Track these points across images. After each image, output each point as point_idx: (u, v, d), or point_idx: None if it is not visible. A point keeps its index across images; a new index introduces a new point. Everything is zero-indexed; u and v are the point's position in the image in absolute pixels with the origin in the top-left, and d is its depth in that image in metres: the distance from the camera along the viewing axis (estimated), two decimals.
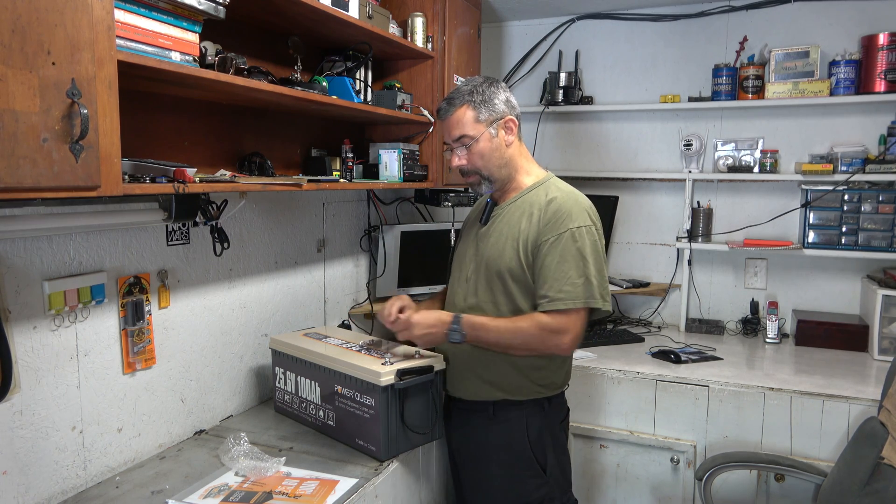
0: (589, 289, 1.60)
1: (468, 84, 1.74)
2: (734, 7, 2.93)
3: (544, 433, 1.75)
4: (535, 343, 1.64)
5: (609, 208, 3.12)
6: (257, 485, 1.51)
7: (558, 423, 1.81)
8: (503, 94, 1.73)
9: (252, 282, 2.07)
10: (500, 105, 1.71)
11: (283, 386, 1.95)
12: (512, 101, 1.75)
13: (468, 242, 1.85)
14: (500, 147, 1.72)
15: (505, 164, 1.74)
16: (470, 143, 1.71)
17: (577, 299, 1.59)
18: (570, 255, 1.60)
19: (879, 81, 2.61)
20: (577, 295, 1.59)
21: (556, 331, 1.61)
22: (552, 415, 1.78)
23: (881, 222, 2.67)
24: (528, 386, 1.73)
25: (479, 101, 1.70)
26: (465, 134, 1.71)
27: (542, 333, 1.61)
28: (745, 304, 3.00)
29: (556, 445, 1.78)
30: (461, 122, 1.70)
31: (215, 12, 1.40)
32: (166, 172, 1.38)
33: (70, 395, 1.49)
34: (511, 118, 1.73)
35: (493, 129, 1.71)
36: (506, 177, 1.75)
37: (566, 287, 1.59)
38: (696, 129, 3.03)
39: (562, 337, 1.61)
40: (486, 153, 1.71)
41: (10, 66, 0.96)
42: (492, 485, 1.76)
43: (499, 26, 3.35)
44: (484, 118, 1.70)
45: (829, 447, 2.18)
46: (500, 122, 1.71)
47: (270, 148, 2.05)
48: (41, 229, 1.37)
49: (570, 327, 1.61)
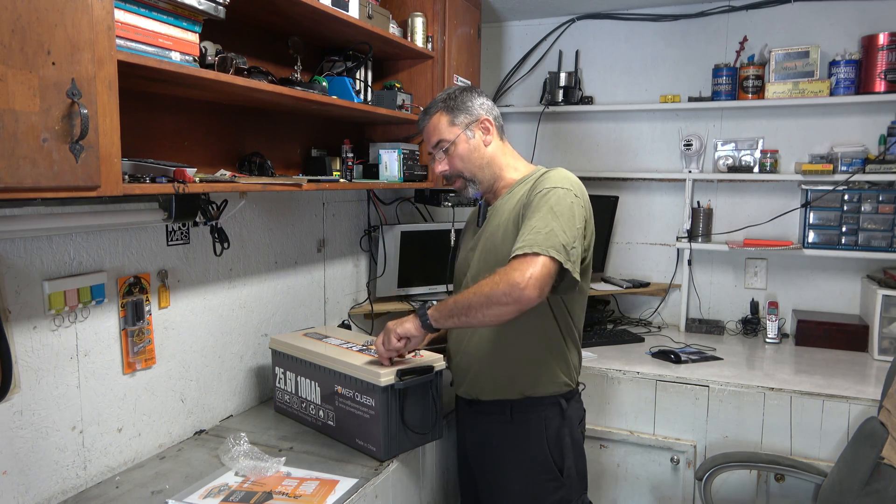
0: (551, 239, 1.49)
1: (443, 93, 1.77)
2: (734, 7, 2.93)
3: (563, 435, 1.72)
4: (493, 291, 1.48)
5: (609, 208, 3.12)
6: (257, 485, 1.51)
7: (577, 425, 1.79)
8: (478, 99, 1.75)
9: (252, 282, 2.07)
10: (475, 108, 1.73)
11: (283, 386, 1.95)
12: (487, 104, 1.77)
13: (467, 248, 1.84)
14: (478, 148, 1.73)
15: (486, 163, 1.74)
16: (447, 146, 1.73)
17: (536, 246, 1.47)
18: (540, 210, 1.54)
19: (879, 81, 2.61)
20: (537, 242, 1.48)
21: (513, 271, 1.46)
22: (571, 416, 1.75)
23: (881, 222, 2.67)
24: (547, 377, 1.70)
25: (453, 105, 1.72)
26: (441, 139, 1.73)
27: (499, 278, 1.48)
28: (745, 304, 3.00)
29: (574, 447, 1.75)
30: (437, 127, 1.73)
31: (215, 12, 1.40)
32: (166, 172, 1.38)
33: (70, 395, 1.49)
34: (486, 118, 1.74)
35: (469, 132, 1.72)
36: (490, 176, 1.75)
37: (528, 236, 1.50)
38: (696, 129, 3.03)
39: (518, 278, 1.45)
40: (465, 155, 1.72)
41: (10, 66, 0.96)
42: (510, 489, 1.74)
43: (499, 26, 3.35)
44: (459, 121, 1.72)
45: (829, 447, 2.18)
46: (475, 123, 1.73)
47: (270, 148, 2.05)
48: (41, 229, 1.37)
49: (527, 269, 1.45)
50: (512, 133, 3.27)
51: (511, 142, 1.83)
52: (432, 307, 1.62)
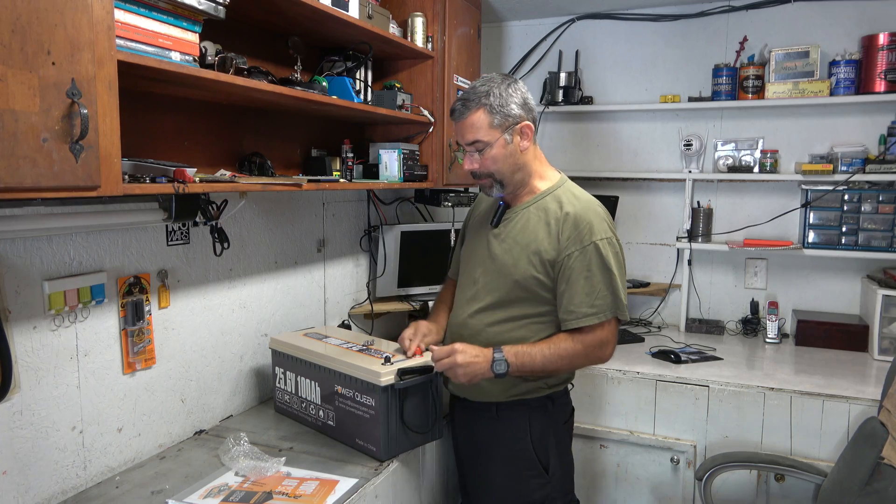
0: (617, 301, 1.64)
1: (485, 84, 1.65)
2: (734, 7, 2.93)
3: (547, 433, 1.74)
4: (580, 360, 1.68)
5: (609, 208, 3.04)
6: (257, 485, 1.51)
7: (562, 424, 1.80)
8: (520, 96, 1.66)
9: (252, 282, 2.07)
10: (516, 109, 1.64)
11: (283, 386, 1.95)
12: (529, 103, 1.69)
13: (479, 242, 1.81)
14: (514, 153, 1.66)
15: (519, 169, 1.69)
16: (483, 147, 1.65)
17: (608, 311, 1.63)
18: (597, 269, 1.62)
19: (879, 81, 2.61)
20: (607, 307, 1.63)
21: (599, 345, 1.65)
22: (556, 414, 1.77)
23: (881, 222, 2.67)
24: (538, 386, 1.73)
25: (496, 104, 1.62)
26: (478, 139, 1.64)
27: (586, 350, 1.65)
28: (745, 304, 3.00)
29: (559, 446, 1.77)
30: (475, 126, 1.63)
31: (215, 12, 1.40)
32: (166, 172, 1.38)
33: (70, 395, 1.49)
34: (527, 123, 1.66)
35: (507, 136, 1.64)
36: (519, 181, 1.71)
37: (598, 301, 1.62)
38: (696, 129, 3.03)
39: (605, 349, 1.67)
40: (500, 159, 1.65)
41: (10, 66, 0.96)
42: (494, 483, 1.76)
43: (499, 26, 3.35)
44: (499, 123, 1.63)
45: (829, 447, 2.18)
46: (515, 127, 1.65)
47: (270, 148, 2.05)
48: (41, 229, 1.37)
49: (610, 338, 1.67)
50: None
51: None
52: (513, 362, 1.61)
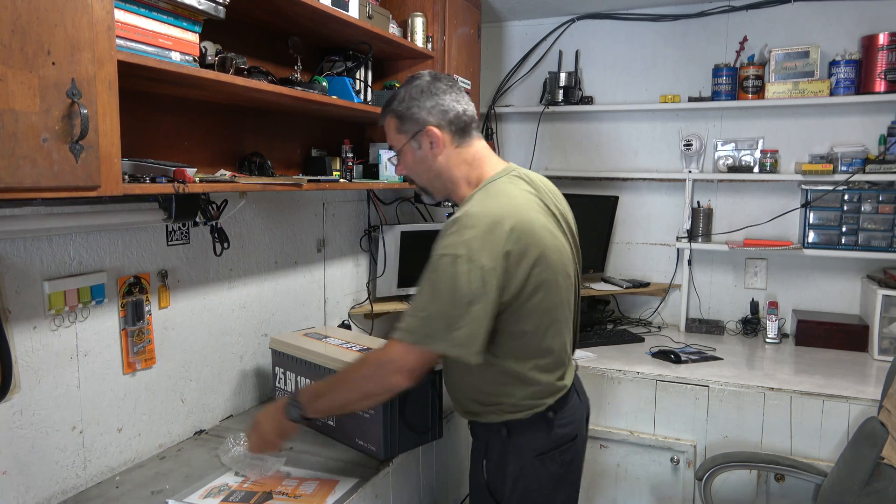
0: (428, 329, 1.32)
1: (402, 87, 1.52)
2: (734, 7, 2.93)
3: (505, 463, 1.49)
4: (362, 382, 1.39)
5: (609, 208, 3.12)
6: (257, 485, 1.51)
7: (533, 456, 1.48)
8: (431, 100, 1.47)
9: (252, 282, 2.07)
10: (422, 113, 1.46)
11: (283, 386, 1.95)
12: (443, 106, 1.46)
13: None
14: (424, 160, 1.50)
15: (435, 176, 1.52)
16: (397, 154, 1.55)
17: (411, 334, 1.33)
18: (427, 286, 1.35)
19: (879, 81, 2.61)
20: (413, 329, 1.34)
21: (381, 364, 1.37)
22: (521, 445, 1.48)
23: (881, 222, 2.67)
24: (489, 410, 1.51)
25: (401, 109, 1.48)
26: (392, 145, 1.56)
27: (366, 366, 1.40)
28: (745, 304, 3.00)
29: (521, 480, 1.48)
30: (388, 132, 1.54)
31: (215, 12, 1.40)
32: (166, 172, 1.38)
33: (70, 395, 1.49)
34: (431, 128, 1.46)
35: (414, 142, 1.49)
36: (442, 189, 1.55)
37: (408, 318, 1.35)
38: (696, 129, 3.03)
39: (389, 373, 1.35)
40: (411, 166, 1.53)
41: (10, 66, 0.96)
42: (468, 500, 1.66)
43: (499, 26, 3.35)
44: (405, 129, 1.49)
45: (829, 447, 2.18)
46: (420, 133, 1.47)
47: (270, 148, 2.05)
48: (41, 229, 1.37)
49: (399, 364, 1.34)
50: (512, 133, 3.25)
51: (511, 142, 1.79)
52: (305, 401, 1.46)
